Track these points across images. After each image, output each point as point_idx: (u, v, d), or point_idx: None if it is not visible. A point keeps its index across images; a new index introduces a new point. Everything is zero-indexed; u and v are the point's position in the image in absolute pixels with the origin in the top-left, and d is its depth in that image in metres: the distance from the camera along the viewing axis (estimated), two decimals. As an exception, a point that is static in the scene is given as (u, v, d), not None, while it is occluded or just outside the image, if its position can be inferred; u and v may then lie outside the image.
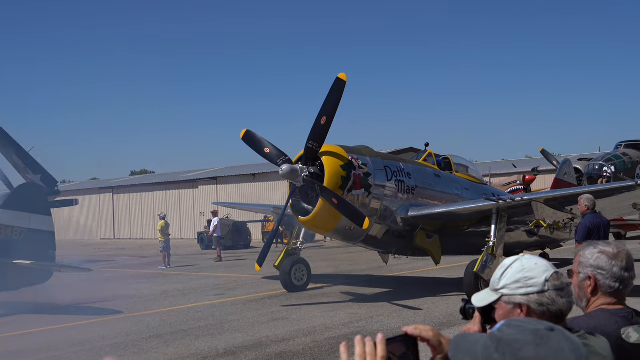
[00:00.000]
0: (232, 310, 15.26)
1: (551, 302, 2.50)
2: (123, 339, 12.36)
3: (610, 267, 3.07)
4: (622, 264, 3.07)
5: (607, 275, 3.07)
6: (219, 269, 26.07)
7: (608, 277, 3.07)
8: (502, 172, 48.09)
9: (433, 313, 13.85)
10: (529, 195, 18.25)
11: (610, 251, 3.10)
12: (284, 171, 15.08)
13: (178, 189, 54.04)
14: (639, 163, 32.81)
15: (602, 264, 3.08)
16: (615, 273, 3.06)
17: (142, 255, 35.74)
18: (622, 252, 3.11)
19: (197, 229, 45.35)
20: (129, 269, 28.06)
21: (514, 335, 1.75)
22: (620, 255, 3.09)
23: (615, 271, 3.06)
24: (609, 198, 15.89)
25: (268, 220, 39.25)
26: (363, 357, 1.92)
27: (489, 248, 15.56)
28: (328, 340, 11.57)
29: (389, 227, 16.52)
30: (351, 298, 16.34)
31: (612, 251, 3.10)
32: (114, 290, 19.83)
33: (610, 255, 3.08)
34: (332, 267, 24.06)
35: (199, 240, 40.22)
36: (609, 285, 3.08)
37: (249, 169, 50.20)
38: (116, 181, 64.98)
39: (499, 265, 2.67)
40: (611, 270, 3.07)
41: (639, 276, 3.84)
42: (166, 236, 27.86)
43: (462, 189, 18.49)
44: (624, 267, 3.07)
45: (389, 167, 16.46)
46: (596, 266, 3.09)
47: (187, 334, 12.62)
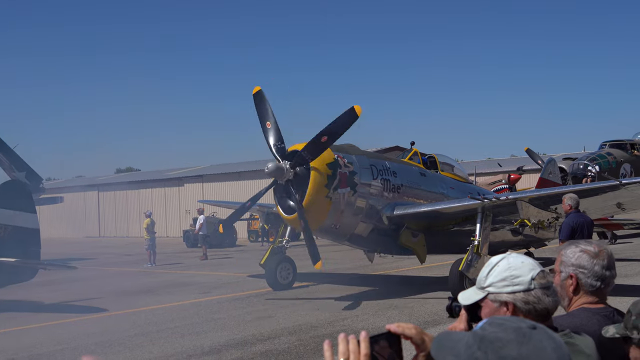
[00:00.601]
0: (218, 309, 15.24)
1: (537, 301, 2.52)
2: (108, 337, 12.32)
3: (592, 266, 3.10)
4: (603, 262, 3.10)
5: (589, 274, 3.10)
6: (205, 267, 26.02)
7: (589, 275, 3.10)
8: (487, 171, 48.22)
9: (418, 312, 13.89)
10: (514, 194, 18.34)
11: (591, 250, 3.13)
12: (270, 169, 15.12)
13: (164, 187, 53.84)
14: (623, 163, 33.02)
15: (584, 262, 3.11)
16: (596, 272, 3.09)
17: (127, 253, 35.58)
18: (604, 251, 3.13)
19: (183, 227, 45.21)
20: (114, 266, 27.93)
21: (496, 334, 1.76)
22: (602, 254, 3.12)
23: (596, 270, 3.09)
24: (594, 197, 15.98)
25: (254, 219, 39.18)
26: (346, 355, 1.93)
27: (474, 247, 15.61)
28: (313, 338, 11.58)
29: (374, 225, 16.55)
30: (336, 296, 16.35)
31: (593, 250, 3.13)
32: (99, 288, 19.74)
33: (592, 254, 3.11)
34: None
35: (184, 239, 40.10)
36: (590, 284, 3.10)
37: (235, 167, 50.09)
38: (101, 179, 64.59)
39: (486, 264, 2.68)
40: (592, 269, 3.09)
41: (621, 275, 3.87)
42: (152, 234, 27.75)
43: (448, 188, 18.55)
44: (605, 266, 3.10)
45: (375, 165, 16.50)
46: (578, 265, 3.12)
47: (172, 332, 12.59)
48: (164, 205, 52.86)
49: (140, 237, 33.54)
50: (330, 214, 15.59)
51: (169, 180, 54.01)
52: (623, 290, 13.51)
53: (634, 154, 33.92)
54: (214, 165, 56.47)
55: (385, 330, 2.07)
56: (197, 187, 50.48)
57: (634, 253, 23.46)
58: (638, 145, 34.64)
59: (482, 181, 35.90)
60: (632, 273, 18.08)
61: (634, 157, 33.71)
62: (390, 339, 2.04)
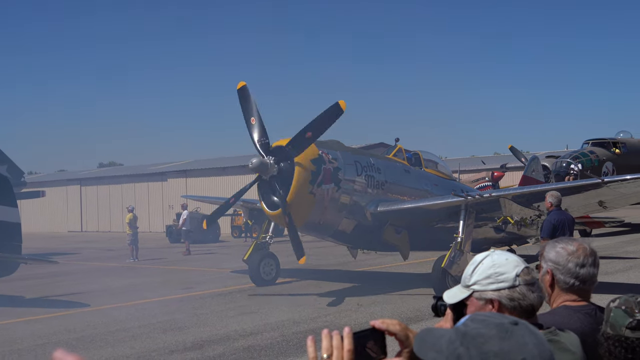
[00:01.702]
0: (200, 304, 15.20)
1: (522, 297, 2.52)
2: (90, 332, 12.26)
3: (566, 263, 3.10)
4: (578, 260, 3.10)
5: (563, 270, 3.11)
6: (188, 263, 25.95)
7: (563, 272, 3.11)
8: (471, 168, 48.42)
9: (400, 308, 13.92)
10: (497, 192, 18.41)
11: (569, 247, 3.14)
12: (254, 164, 15.10)
13: (147, 182, 53.60)
14: (605, 161, 33.24)
15: (559, 259, 3.12)
16: (570, 269, 3.10)
17: (109, 248, 35.42)
18: (581, 249, 3.13)
19: (166, 222, 45.05)
20: (96, 261, 27.81)
21: (478, 329, 1.76)
22: (578, 252, 3.12)
23: (570, 267, 3.10)
24: (576, 195, 16.08)
25: (237, 214, 39.09)
26: (330, 351, 1.92)
27: (456, 244, 15.65)
28: (296, 334, 11.58)
29: (358, 221, 16.56)
30: (319, 292, 16.36)
31: (571, 248, 3.13)
32: (81, 283, 19.67)
33: (569, 251, 3.12)
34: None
35: (167, 234, 39.95)
36: (564, 280, 3.11)
37: (219, 163, 49.96)
38: (84, 173, 64.27)
39: (470, 262, 2.68)
40: (566, 266, 3.10)
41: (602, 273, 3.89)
42: (134, 229, 27.63)
43: (431, 185, 18.59)
44: (580, 264, 3.09)
45: (359, 162, 16.51)
46: (554, 261, 3.14)
47: (154, 328, 12.55)
48: (147, 200, 52.64)
49: (123, 232, 33.42)
50: (314, 210, 15.58)
51: (152, 175, 53.77)
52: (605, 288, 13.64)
53: (616, 152, 34.17)
54: (198, 160, 56.29)
55: (369, 326, 2.07)
56: (181, 182, 50.30)
57: (616, 251, 23.63)
58: (620, 143, 34.90)
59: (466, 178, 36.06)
60: (613, 270, 18.21)
61: (616, 155, 33.96)
62: (375, 335, 2.03)
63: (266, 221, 19.11)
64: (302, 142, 14.92)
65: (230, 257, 25.41)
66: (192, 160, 57.47)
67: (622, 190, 16.07)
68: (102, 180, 57.59)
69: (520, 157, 36.06)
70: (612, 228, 30.83)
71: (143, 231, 38.82)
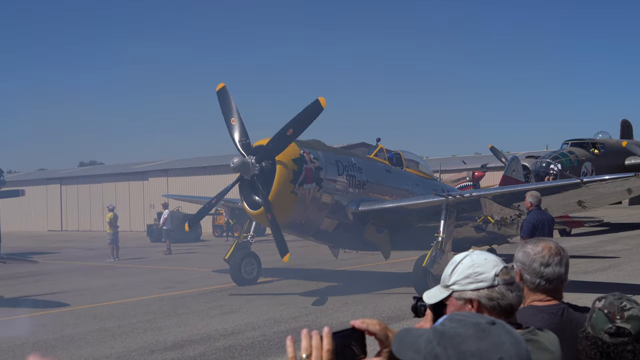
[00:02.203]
0: (181, 304, 15.15)
1: (501, 297, 2.53)
2: (69, 332, 12.19)
3: (531, 263, 3.15)
4: (542, 260, 3.13)
5: (529, 270, 3.15)
6: (168, 262, 25.85)
7: (529, 272, 3.15)
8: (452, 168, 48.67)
9: (381, 307, 13.96)
10: (477, 192, 18.50)
11: (536, 248, 3.18)
12: (235, 164, 15.08)
13: (128, 181, 53.33)
14: (584, 161, 33.54)
15: (525, 259, 3.17)
16: (534, 269, 3.14)
17: (90, 248, 35.21)
18: (547, 248, 3.17)
19: (147, 222, 44.84)
20: (76, 261, 27.62)
21: (455, 329, 1.77)
22: (543, 251, 3.16)
23: (534, 267, 3.14)
24: (555, 195, 16.20)
25: (219, 214, 38.98)
26: (309, 351, 1.93)
27: (437, 243, 15.72)
28: (277, 334, 11.58)
29: (339, 221, 16.58)
30: (301, 292, 16.36)
31: (537, 248, 3.17)
32: (61, 283, 19.54)
33: (535, 251, 3.16)
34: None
35: (148, 233, 39.78)
36: (530, 280, 3.15)
37: (200, 162, 49.81)
38: (64, 172, 63.78)
39: (450, 262, 2.69)
40: (530, 265, 3.15)
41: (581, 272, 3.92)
42: (115, 228, 27.49)
43: (413, 185, 18.65)
44: (545, 263, 3.13)
45: (341, 161, 16.53)
46: (521, 261, 3.19)
47: (134, 327, 12.50)
48: (127, 199, 52.36)
49: (104, 231, 33.24)
50: (295, 210, 15.59)
51: (133, 174, 53.50)
52: (584, 287, 13.76)
53: (595, 152, 34.48)
54: (179, 160, 56.08)
55: (349, 326, 2.07)
56: (162, 181, 50.08)
57: (595, 250, 23.83)
58: (599, 144, 35.22)
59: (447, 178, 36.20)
60: (593, 270, 18.36)
61: (595, 156, 34.27)
62: (355, 334, 2.04)
63: (247, 220, 19.09)
64: (283, 140, 14.91)
65: (212, 256, 25.34)
66: (173, 160, 57.24)
67: (600, 190, 16.21)
68: (83, 179, 57.23)
69: (500, 157, 36.30)
70: (591, 227, 31.10)
71: (124, 230, 38.62)
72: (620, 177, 15.68)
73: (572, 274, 3.29)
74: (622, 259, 20.89)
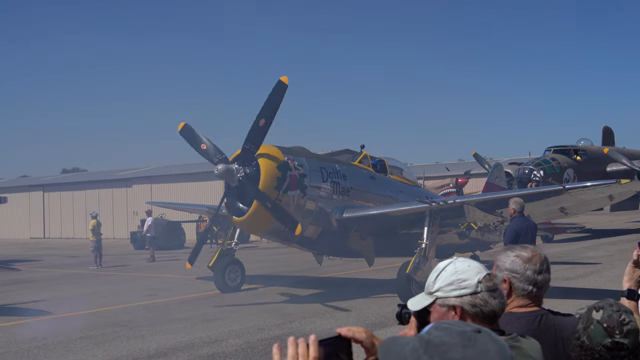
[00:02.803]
0: (165, 311, 15.09)
1: (484, 303, 2.55)
2: (52, 340, 12.10)
3: (524, 271, 3.18)
4: (535, 267, 3.18)
5: (521, 278, 3.18)
6: (152, 269, 25.74)
7: (522, 280, 3.18)
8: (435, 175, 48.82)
9: (366, 314, 13.97)
10: (461, 198, 18.57)
11: (525, 255, 3.21)
12: (219, 171, 15.05)
13: (111, 188, 53.07)
14: (566, 168, 33.73)
15: (516, 267, 3.20)
16: (528, 276, 3.17)
17: (72, 255, 34.99)
18: (536, 256, 3.22)
19: (130, 229, 44.63)
20: (58, 268, 27.44)
21: (441, 338, 1.78)
22: (534, 259, 3.20)
23: (528, 274, 3.17)
24: (538, 202, 16.30)
25: (202, 220, 38.84)
26: (295, 358, 1.93)
27: (421, 250, 15.76)
28: (261, 341, 11.56)
29: (323, 228, 16.59)
30: (285, 299, 16.35)
31: (526, 255, 3.21)
32: (43, 291, 19.40)
33: (525, 259, 3.20)
34: (266, 268, 24.01)
35: (132, 240, 39.59)
36: (522, 288, 3.19)
37: (184, 169, 49.64)
38: (47, 179, 63.39)
39: (433, 269, 2.71)
40: (524, 273, 3.18)
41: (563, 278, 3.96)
42: (98, 236, 27.34)
43: (397, 191, 18.69)
44: (537, 270, 3.18)
45: (325, 168, 16.55)
46: (511, 270, 3.21)
47: (117, 335, 12.43)
48: (111, 206, 52.10)
49: (86, 238, 33.01)
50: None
51: (116, 181, 53.26)
52: (566, 293, 13.84)
53: (577, 159, 34.71)
54: (163, 166, 55.88)
55: (335, 334, 2.08)
56: (146, 188, 49.88)
57: (577, 256, 23.98)
58: (581, 151, 35.45)
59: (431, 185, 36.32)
60: (574, 276, 18.48)
61: (577, 162, 34.49)
62: (341, 342, 2.04)
63: (232, 227, 19.05)
64: (259, 133, 14.84)
65: (196, 263, 25.23)
66: (157, 166, 57.02)
67: (582, 197, 16.34)
68: (66, 186, 56.89)
69: (483, 164, 36.48)
70: (573, 234, 31.31)
71: (107, 238, 38.38)
72: (602, 184, 15.80)
73: (553, 280, 3.33)
74: (603, 265, 21.03)
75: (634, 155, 37.21)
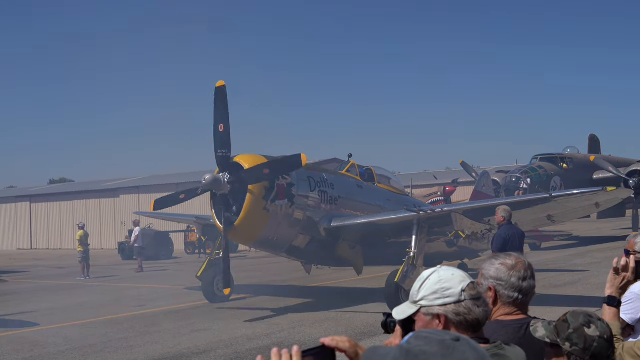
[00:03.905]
0: (153, 322, 15.03)
1: (468, 312, 2.56)
2: (39, 352, 12.04)
3: (509, 278, 3.21)
4: (519, 274, 3.21)
5: (506, 285, 3.21)
6: (140, 280, 25.63)
7: (507, 287, 3.21)
8: (423, 183, 48.93)
9: (355, 323, 13.97)
10: (448, 207, 18.63)
11: (509, 262, 3.24)
12: (207, 181, 15.06)
13: (99, 199, 52.91)
14: (553, 176, 33.89)
15: (501, 275, 3.22)
16: (513, 283, 3.20)
17: (60, 266, 34.80)
18: (520, 263, 3.25)
19: (118, 239, 44.47)
20: (46, 279, 27.30)
21: (420, 347, 1.78)
22: (518, 266, 3.23)
23: (513, 282, 3.20)
24: (525, 210, 16.37)
25: (191, 230, 38.78)
26: None
27: (409, 258, 15.78)
28: (250, 351, 11.53)
29: (312, 237, 16.61)
30: (273, 308, 16.32)
31: (510, 262, 3.24)
32: (30, 302, 19.29)
33: (509, 267, 3.23)
34: (255, 278, 23.97)
35: (119, 251, 39.44)
36: (507, 295, 3.21)
37: (172, 179, 49.56)
38: (34, 190, 63.14)
39: (417, 278, 2.72)
40: (509, 281, 3.21)
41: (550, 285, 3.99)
42: (85, 246, 27.20)
43: (384, 200, 18.74)
44: (522, 277, 3.21)
45: (313, 177, 16.58)
46: (496, 277, 3.23)
47: (105, 346, 12.38)
48: (98, 216, 51.93)
49: (74, 249, 32.86)
50: (267, 226, 15.59)
51: (104, 192, 53.11)
52: (553, 301, 13.90)
53: (564, 167, 34.89)
54: (151, 176, 55.76)
55: (319, 344, 2.09)
56: (133, 199, 49.75)
57: (565, 264, 24.07)
58: (568, 158, 35.65)
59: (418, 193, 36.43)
60: (561, 283, 18.55)
61: (564, 170, 34.67)
62: (325, 352, 2.06)
63: (220, 237, 19.01)
64: (223, 138, 15.22)
65: (184, 273, 25.16)
66: (144, 176, 56.90)
67: (569, 205, 16.43)
68: (53, 197, 56.67)
69: (471, 172, 36.62)
70: (560, 241, 31.44)
71: (95, 248, 38.24)
72: (588, 192, 15.88)
73: (541, 288, 3.38)
74: (590, 272, 21.12)
75: (620, 162, 37.44)
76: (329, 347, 2.08)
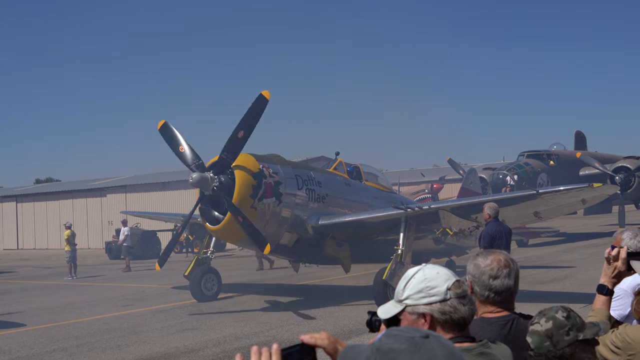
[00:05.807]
0: (141, 321, 14.99)
1: (453, 310, 2.56)
2: (26, 353, 11.99)
3: (480, 275, 3.18)
4: (491, 272, 3.17)
5: (478, 282, 3.19)
6: (128, 279, 25.56)
7: (478, 284, 3.19)
8: (410, 180, 49.09)
9: (343, 321, 13.98)
10: (436, 204, 18.69)
11: (483, 260, 3.22)
12: (194, 179, 15.03)
13: (85, 198, 52.70)
14: (540, 172, 34.06)
15: (474, 271, 3.21)
16: (483, 281, 3.17)
17: (47, 266, 34.66)
18: (495, 261, 3.20)
19: (105, 239, 44.33)
20: (33, 280, 27.18)
21: (390, 345, 1.80)
22: (492, 264, 3.19)
23: (483, 279, 3.17)
24: (512, 206, 16.43)
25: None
26: None
27: (397, 256, 15.81)
28: (238, 349, 11.52)
29: (299, 235, 16.61)
30: (262, 307, 16.32)
31: (485, 261, 3.21)
32: (17, 302, 19.20)
33: (483, 264, 3.20)
34: (243, 276, 23.94)
35: (107, 250, 39.32)
36: (480, 293, 3.19)
37: (159, 177, 49.45)
38: (20, 189, 62.80)
39: (402, 277, 2.72)
40: (480, 278, 3.18)
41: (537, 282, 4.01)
42: (72, 246, 27.09)
43: (372, 198, 18.77)
44: (493, 276, 3.16)
45: (300, 175, 16.58)
46: (471, 273, 3.23)
47: (93, 346, 12.33)
48: (85, 216, 51.73)
49: (61, 249, 32.74)
50: (255, 224, 15.57)
51: (90, 191, 52.89)
52: (541, 297, 13.97)
53: (551, 164, 35.06)
54: (138, 175, 55.59)
55: (298, 341, 2.10)
56: (120, 198, 49.60)
57: (552, 260, 24.19)
58: (554, 155, 35.84)
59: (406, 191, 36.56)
60: (548, 280, 18.63)
61: (551, 167, 34.84)
62: (304, 350, 2.06)
63: (207, 236, 18.99)
64: (236, 145, 14.95)
65: (172, 272, 25.08)
66: (131, 176, 56.72)
67: (556, 201, 16.50)
68: (39, 196, 56.39)
69: (458, 169, 36.74)
70: (547, 238, 31.60)
71: (82, 248, 38.06)
72: (575, 188, 15.96)
73: (528, 284, 3.39)
74: (577, 268, 21.23)
75: (606, 159, 37.66)
76: (308, 344, 2.09)
